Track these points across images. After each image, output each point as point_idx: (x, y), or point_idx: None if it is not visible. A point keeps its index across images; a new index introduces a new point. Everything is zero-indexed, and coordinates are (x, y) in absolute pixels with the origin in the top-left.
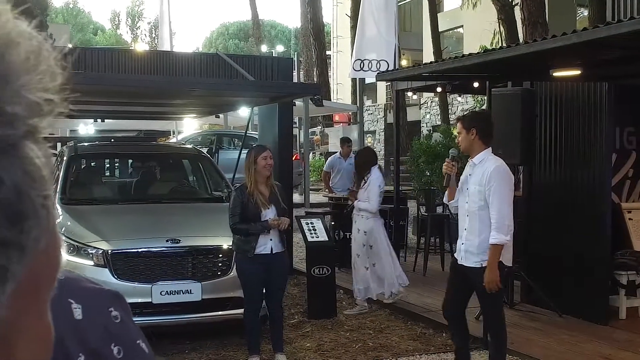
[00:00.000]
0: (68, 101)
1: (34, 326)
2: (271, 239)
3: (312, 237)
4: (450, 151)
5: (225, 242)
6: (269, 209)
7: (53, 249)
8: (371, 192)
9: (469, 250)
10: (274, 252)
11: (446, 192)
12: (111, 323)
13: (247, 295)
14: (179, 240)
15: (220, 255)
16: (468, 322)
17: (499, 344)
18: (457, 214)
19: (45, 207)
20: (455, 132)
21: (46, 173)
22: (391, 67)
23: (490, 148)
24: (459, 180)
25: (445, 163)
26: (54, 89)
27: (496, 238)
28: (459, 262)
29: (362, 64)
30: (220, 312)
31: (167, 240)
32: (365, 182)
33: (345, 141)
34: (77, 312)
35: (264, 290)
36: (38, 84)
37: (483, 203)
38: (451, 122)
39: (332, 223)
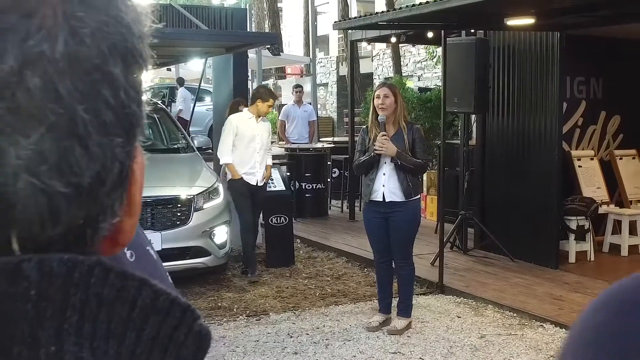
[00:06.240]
0: None
1: (140, 167)
2: (384, 185)
3: (270, 187)
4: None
5: (184, 192)
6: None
7: None
8: None
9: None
10: (386, 200)
11: None
12: None
13: (371, 245)
14: None
15: (179, 205)
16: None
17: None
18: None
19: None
20: (408, 84)
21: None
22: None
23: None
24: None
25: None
26: None
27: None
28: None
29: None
30: (179, 262)
31: None
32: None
33: (295, 87)
34: None
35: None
36: None
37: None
38: (404, 74)
39: (288, 174)
